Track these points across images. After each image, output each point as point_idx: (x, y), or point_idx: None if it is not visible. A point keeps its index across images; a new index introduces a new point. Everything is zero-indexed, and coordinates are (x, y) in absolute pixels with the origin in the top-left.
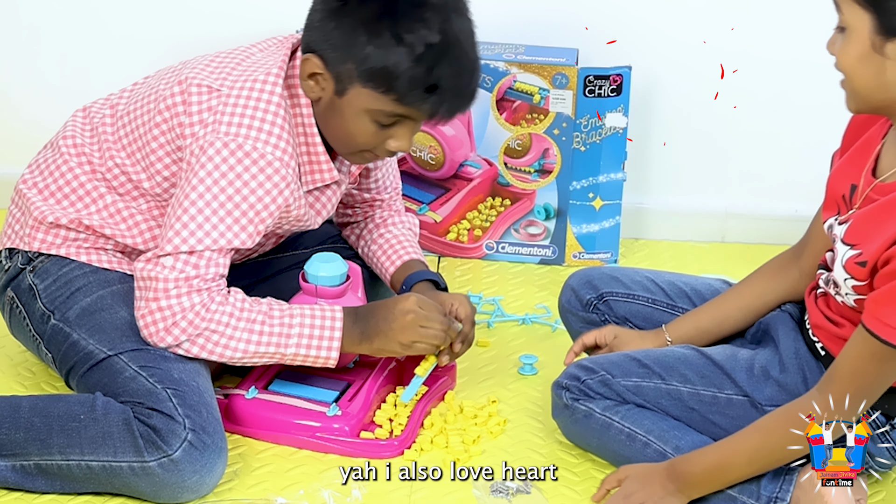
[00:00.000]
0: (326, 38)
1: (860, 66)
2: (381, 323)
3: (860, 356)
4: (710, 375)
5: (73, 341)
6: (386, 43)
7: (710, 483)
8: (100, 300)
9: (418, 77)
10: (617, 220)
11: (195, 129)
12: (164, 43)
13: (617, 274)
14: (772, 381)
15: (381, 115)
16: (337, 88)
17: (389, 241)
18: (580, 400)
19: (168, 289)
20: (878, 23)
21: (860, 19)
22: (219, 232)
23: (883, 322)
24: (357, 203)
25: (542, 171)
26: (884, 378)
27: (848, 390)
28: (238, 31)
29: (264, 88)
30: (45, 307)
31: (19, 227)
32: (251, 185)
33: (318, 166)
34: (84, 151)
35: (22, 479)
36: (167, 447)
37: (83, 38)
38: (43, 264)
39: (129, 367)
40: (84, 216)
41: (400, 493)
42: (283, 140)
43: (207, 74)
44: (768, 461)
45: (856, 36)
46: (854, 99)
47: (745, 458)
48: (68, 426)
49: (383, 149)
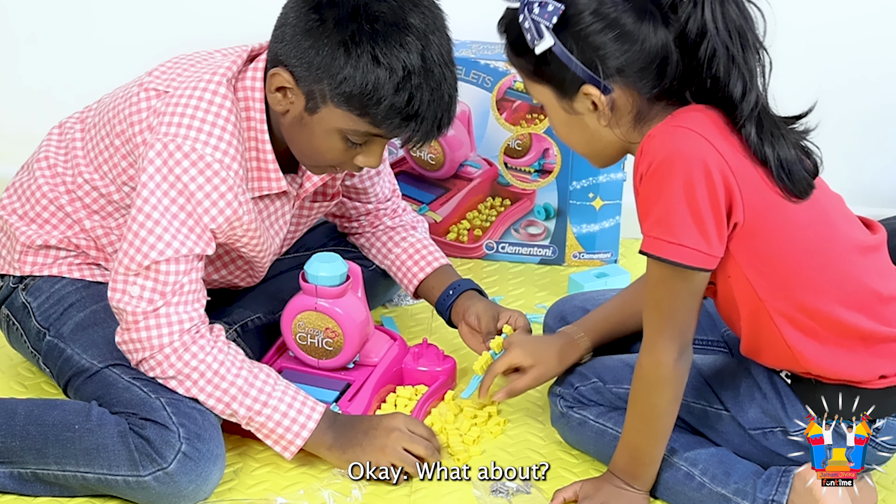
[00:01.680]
0: (299, 56)
1: (570, 132)
2: (361, 436)
3: (652, 285)
4: (700, 388)
5: (67, 356)
6: (365, 66)
7: (640, 467)
8: (93, 315)
9: (398, 105)
10: (617, 220)
11: (145, 135)
12: (158, 46)
13: (588, 305)
14: (756, 404)
15: (354, 134)
16: (308, 106)
17: (414, 245)
18: (574, 408)
19: (137, 321)
20: (555, 90)
21: (544, 94)
22: (166, 241)
23: (651, 238)
24: (361, 215)
25: (542, 171)
26: (677, 298)
27: (655, 322)
28: (231, 38)
29: (207, 88)
30: (39, 325)
31: (6, 252)
32: (190, 188)
33: (265, 173)
34: (57, 172)
35: (20, 486)
36: (161, 460)
37: (75, 43)
38: (35, 282)
39: (121, 378)
40: (71, 236)
41: (400, 493)
42: (223, 141)
43: (157, 77)
44: (654, 424)
45: (551, 109)
46: (590, 159)
47: (638, 432)
48: (63, 436)
49: (352, 164)
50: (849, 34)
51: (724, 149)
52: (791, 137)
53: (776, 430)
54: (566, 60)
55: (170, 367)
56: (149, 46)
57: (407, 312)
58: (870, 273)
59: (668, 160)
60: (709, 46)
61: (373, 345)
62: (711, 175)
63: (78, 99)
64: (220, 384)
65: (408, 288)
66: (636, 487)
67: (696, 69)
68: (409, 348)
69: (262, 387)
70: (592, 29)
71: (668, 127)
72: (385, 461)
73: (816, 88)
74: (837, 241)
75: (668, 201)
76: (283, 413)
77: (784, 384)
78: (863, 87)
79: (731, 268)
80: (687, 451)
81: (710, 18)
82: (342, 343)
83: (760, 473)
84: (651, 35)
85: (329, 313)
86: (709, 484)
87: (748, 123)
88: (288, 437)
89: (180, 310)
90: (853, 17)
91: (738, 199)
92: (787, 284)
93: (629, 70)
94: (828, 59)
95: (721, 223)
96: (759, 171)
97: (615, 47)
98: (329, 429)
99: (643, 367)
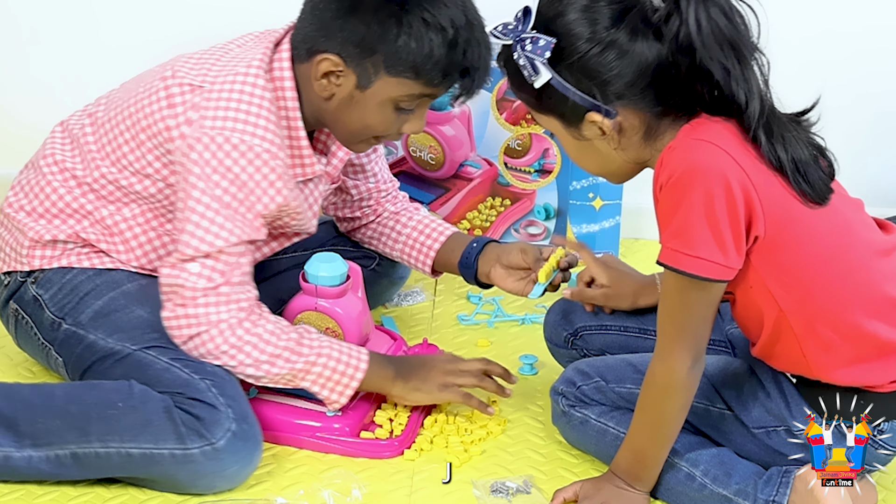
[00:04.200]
0: (346, 36)
1: (582, 157)
2: (419, 368)
3: (668, 294)
4: (704, 387)
5: (89, 342)
6: (418, 31)
7: (643, 469)
8: (112, 301)
9: (455, 61)
10: (617, 220)
11: (182, 129)
12: (160, 43)
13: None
14: (759, 403)
15: (408, 99)
16: (360, 83)
17: (423, 221)
18: (576, 406)
19: (196, 297)
20: (562, 120)
21: (552, 123)
22: (228, 229)
23: (669, 249)
24: (363, 200)
25: (542, 171)
26: (693, 308)
27: (670, 330)
28: (234, 33)
29: (246, 80)
30: (54, 315)
31: (10, 249)
32: (242, 178)
33: (299, 160)
34: (66, 167)
35: (57, 468)
36: (211, 436)
37: (78, 41)
38: (45, 274)
39: (159, 359)
40: (80, 230)
41: (400, 493)
42: (269, 131)
43: (186, 72)
44: (661, 430)
45: (561, 137)
46: (607, 178)
47: (645, 436)
48: (106, 413)
49: (396, 134)
50: (855, 35)
51: (744, 161)
52: (803, 136)
53: (780, 429)
54: (565, 91)
55: (224, 342)
56: (151, 44)
57: (407, 312)
58: (889, 278)
59: (689, 173)
60: (701, 60)
61: (373, 344)
62: (731, 189)
63: (81, 96)
64: (274, 350)
65: (424, 263)
66: (637, 488)
67: (696, 83)
68: (410, 348)
69: (310, 343)
70: (589, 55)
71: (688, 139)
72: (448, 379)
73: (834, 84)
74: (857, 246)
75: (687, 214)
76: (336, 359)
77: (789, 384)
78: (870, 85)
79: (753, 279)
80: (688, 452)
81: (694, 32)
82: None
83: (762, 474)
84: (646, 53)
85: (329, 313)
86: (710, 485)
87: (758, 130)
88: (344, 381)
89: (238, 289)
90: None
91: (759, 212)
92: (809, 294)
93: (630, 92)
94: (833, 59)
95: (739, 236)
96: (778, 180)
97: (614, 71)
98: (387, 364)
99: (655, 374)
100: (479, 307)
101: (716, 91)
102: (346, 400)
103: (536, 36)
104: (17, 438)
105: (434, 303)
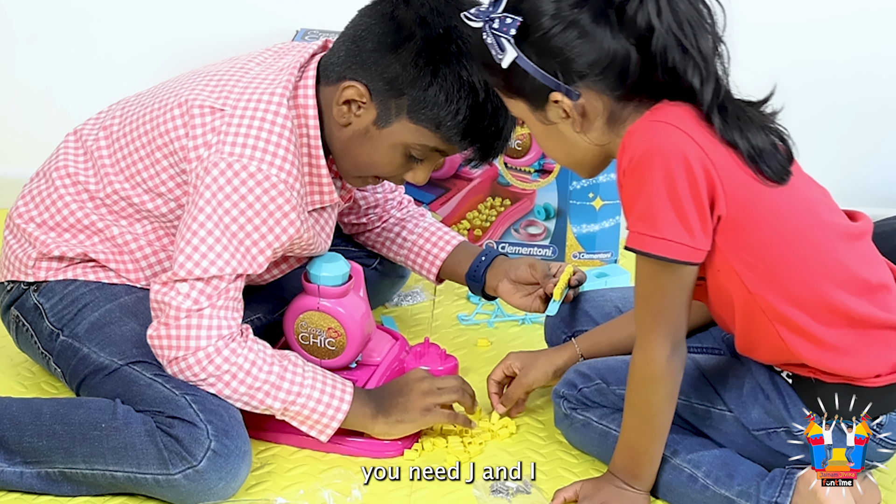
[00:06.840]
0: (380, 71)
1: (549, 143)
2: (397, 396)
3: (640, 281)
4: (704, 388)
5: (83, 355)
6: (452, 85)
7: (639, 466)
8: (108, 314)
9: (478, 126)
10: (617, 219)
11: (200, 151)
12: (158, 48)
13: (587, 306)
14: (759, 405)
15: (420, 149)
16: (378, 119)
17: (429, 229)
18: (578, 409)
19: (179, 317)
20: (528, 103)
21: (519, 108)
22: (224, 260)
23: (635, 233)
24: (370, 207)
25: (542, 171)
26: (667, 293)
27: (647, 318)
28: (238, 39)
29: (269, 108)
30: (52, 325)
31: (16, 259)
32: (255, 208)
33: (318, 188)
34: (79, 180)
35: (48, 485)
36: (191, 458)
37: (75, 44)
38: (48, 284)
39: (143, 375)
40: (89, 249)
41: (400, 493)
42: (287, 162)
43: (208, 94)
44: (650, 422)
45: (529, 122)
46: (575, 170)
47: (635, 430)
48: (90, 435)
49: (399, 179)
50: (843, 28)
51: (702, 141)
52: (759, 120)
53: (780, 430)
54: (530, 70)
55: (202, 371)
56: (149, 48)
57: (407, 312)
58: (857, 261)
59: (648, 154)
60: (659, 39)
61: (375, 344)
62: (692, 167)
63: (78, 100)
64: (254, 383)
65: (429, 272)
66: (636, 487)
67: (656, 66)
68: (412, 348)
69: (292, 378)
70: (552, 33)
71: (647, 122)
72: (428, 402)
73: (816, 78)
74: (821, 228)
75: (650, 196)
76: (316, 399)
77: (785, 384)
78: (863, 81)
79: (719, 262)
80: (690, 453)
81: (653, 12)
82: (345, 343)
83: (764, 475)
84: (608, 34)
85: (332, 313)
86: (712, 486)
87: (712, 112)
88: (324, 421)
89: (222, 315)
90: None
91: (721, 191)
92: (775, 275)
93: (591, 72)
94: (828, 54)
95: (704, 215)
96: (736, 161)
97: (575, 49)
98: (367, 400)
99: (636, 365)
100: (479, 307)
101: (669, 74)
102: (326, 438)
103: (504, 15)
104: (7, 455)
105: (434, 303)
